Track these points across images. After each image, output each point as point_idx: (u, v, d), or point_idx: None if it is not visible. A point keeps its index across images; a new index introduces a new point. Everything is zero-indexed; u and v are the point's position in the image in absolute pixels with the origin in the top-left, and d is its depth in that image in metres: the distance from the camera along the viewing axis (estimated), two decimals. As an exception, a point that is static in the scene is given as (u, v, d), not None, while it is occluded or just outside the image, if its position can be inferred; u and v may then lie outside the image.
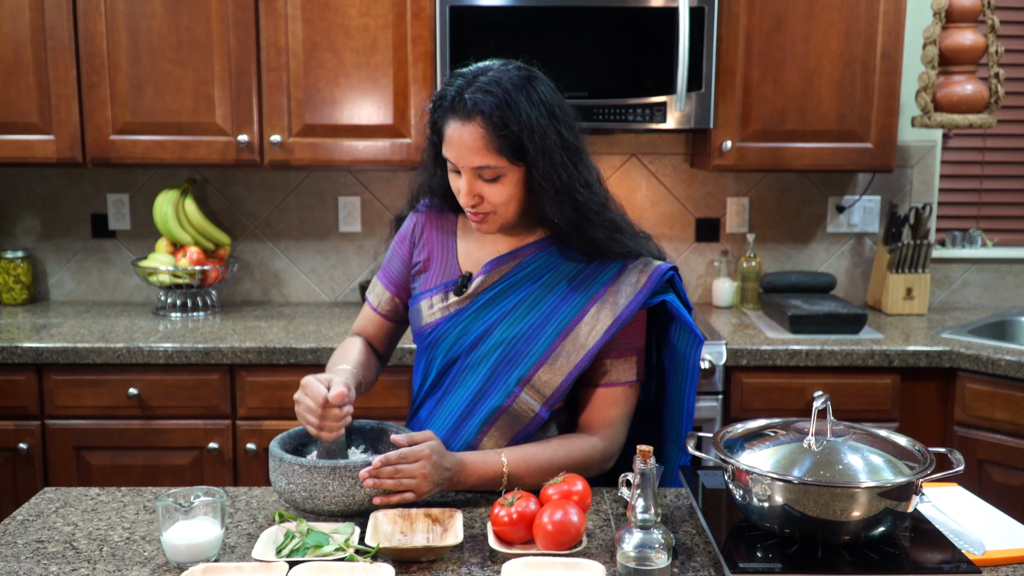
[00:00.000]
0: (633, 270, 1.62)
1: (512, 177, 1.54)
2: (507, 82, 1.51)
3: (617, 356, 1.63)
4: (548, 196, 1.54)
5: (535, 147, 1.50)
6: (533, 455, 1.56)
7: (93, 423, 2.68)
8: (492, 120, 1.49)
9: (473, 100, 1.50)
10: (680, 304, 1.64)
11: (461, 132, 1.51)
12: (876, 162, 2.92)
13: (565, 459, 1.57)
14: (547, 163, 1.51)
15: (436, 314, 1.67)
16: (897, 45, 2.85)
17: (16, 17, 2.80)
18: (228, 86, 2.84)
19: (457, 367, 1.65)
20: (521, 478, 1.54)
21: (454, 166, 1.56)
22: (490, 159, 1.51)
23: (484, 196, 1.55)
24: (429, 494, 1.45)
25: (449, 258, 1.71)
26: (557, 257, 1.65)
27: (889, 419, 2.70)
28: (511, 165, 1.53)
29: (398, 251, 1.78)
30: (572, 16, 2.74)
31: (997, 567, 1.34)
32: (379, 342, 1.83)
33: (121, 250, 3.31)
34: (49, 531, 1.45)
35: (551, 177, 1.52)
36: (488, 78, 1.52)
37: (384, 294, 1.79)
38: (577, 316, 1.60)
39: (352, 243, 3.30)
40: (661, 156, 3.26)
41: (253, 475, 2.71)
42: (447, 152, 1.55)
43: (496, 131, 1.49)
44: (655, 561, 1.26)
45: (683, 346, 1.67)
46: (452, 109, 1.53)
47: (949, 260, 3.34)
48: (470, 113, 1.50)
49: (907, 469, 1.32)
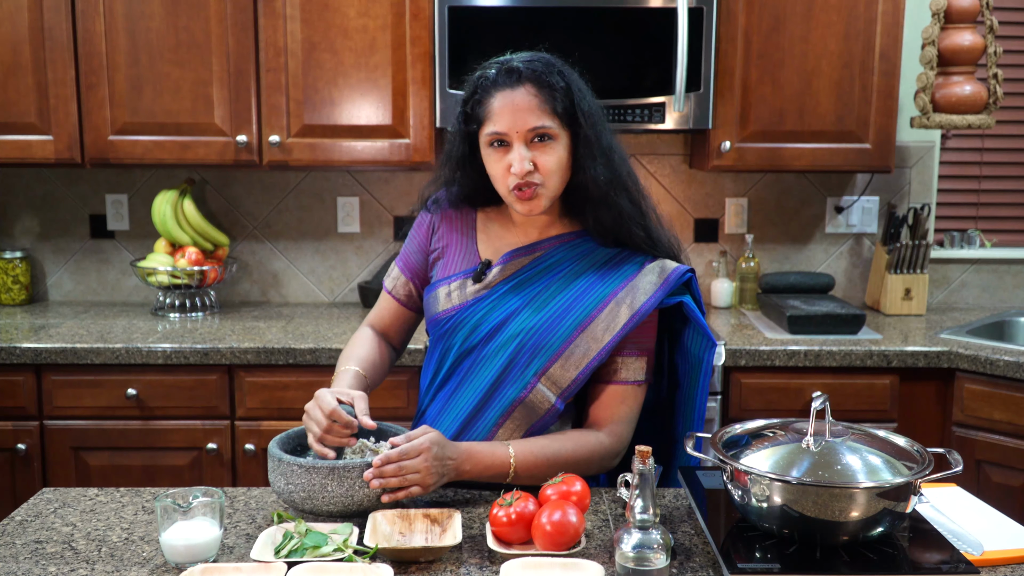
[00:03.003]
0: (652, 270, 1.63)
1: (562, 141, 1.58)
2: (547, 57, 1.62)
3: (629, 354, 1.63)
4: (595, 155, 1.59)
5: (583, 107, 1.58)
6: (540, 447, 1.57)
7: (92, 423, 2.68)
8: (542, 80, 1.56)
9: (522, 65, 1.57)
10: (695, 307, 1.65)
11: (513, 97, 1.56)
12: (874, 163, 2.92)
13: (572, 453, 1.58)
14: (594, 121, 1.59)
15: (454, 301, 1.67)
16: (895, 46, 2.85)
17: (15, 17, 2.80)
18: (227, 86, 2.84)
19: (473, 357, 1.64)
20: (528, 469, 1.54)
21: (502, 137, 1.57)
22: (544, 118, 1.56)
23: (537, 163, 1.57)
24: (435, 486, 1.46)
25: (469, 247, 1.71)
26: (577, 251, 1.66)
27: (887, 419, 2.70)
28: (561, 128, 1.58)
29: (415, 239, 1.78)
30: (571, 16, 2.74)
31: (995, 567, 1.34)
32: (394, 331, 1.82)
33: (120, 250, 3.31)
34: (48, 532, 1.45)
35: (599, 135, 1.59)
36: (526, 55, 1.61)
37: (400, 278, 1.79)
38: (595, 311, 1.61)
39: (351, 243, 3.30)
40: (660, 156, 3.26)
41: (252, 476, 2.71)
42: (496, 126, 1.56)
43: (548, 90, 1.56)
44: (654, 561, 1.26)
45: (696, 349, 1.67)
46: (497, 82, 1.57)
47: (948, 260, 3.35)
48: (521, 77, 1.56)
49: (905, 469, 1.32)
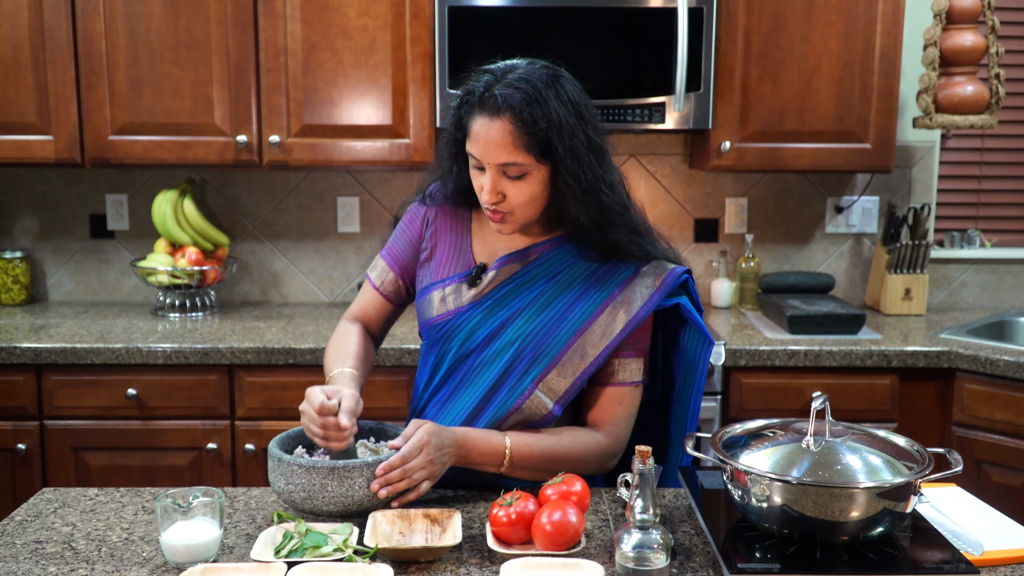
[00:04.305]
0: (648, 272, 1.62)
1: (537, 176, 1.52)
2: (536, 79, 1.50)
3: (625, 356, 1.63)
4: (574, 195, 1.52)
5: (563, 145, 1.49)
6: (536, 441, 1.56)
7: (92, 423, 2.68)
8: (521, 116, 1.47)
9: (503, 96, 1.48)
10: (692, 307, 1.64)
11: (489, 128, 1.49)
12: (875, 162, 2.92)
13: (568, 450, 1.57)
14: (574, 162, 1.50)
15: (448, 306, 1.65)
16: (896, 46, 2.85)
17: (15, 17, 2.80)
18: (227, 86, 2.84)
19: (470, 362, 1.63)
20: (523, 460, 1.54)
21: (478, 163, 1.54)
22: (517, 156, 1.49)
23: (507, 195, 1.53)
24: (441, 473, 1.49)
25: (463, 249, 1.68)
26: (572, 255, 1.64)
27: (888, 419, 2.70)
28: (537, 163, 1.51)
29: (407, 233, 1.74)
30: (571, 16, 2.74)
31: (995, 567, 1.34)
32: (376, 324, 1.79)
33: (120, 250, 3.31)
34: (48, 532, 1.45)
35: (578, 176, 1.51)
36: (517, 75, 1.51)
37: (388, 273, 1.75)
38: (592, 316, 1.60)
39: (351, 243, 3.30)
40: (660, 156, 3.26)
41: (252, 475, 2.71)
42: (472, 148, 1.53)
43: (525, 128, 1.48)
44: (654, 561, 1.26)
45: (693, 349, 1.67)
46: (480, 105, 1.51)
47: (948, 260, 3.34)
48: (499, 109, 1.48)
49: (905, 469, 1.32)
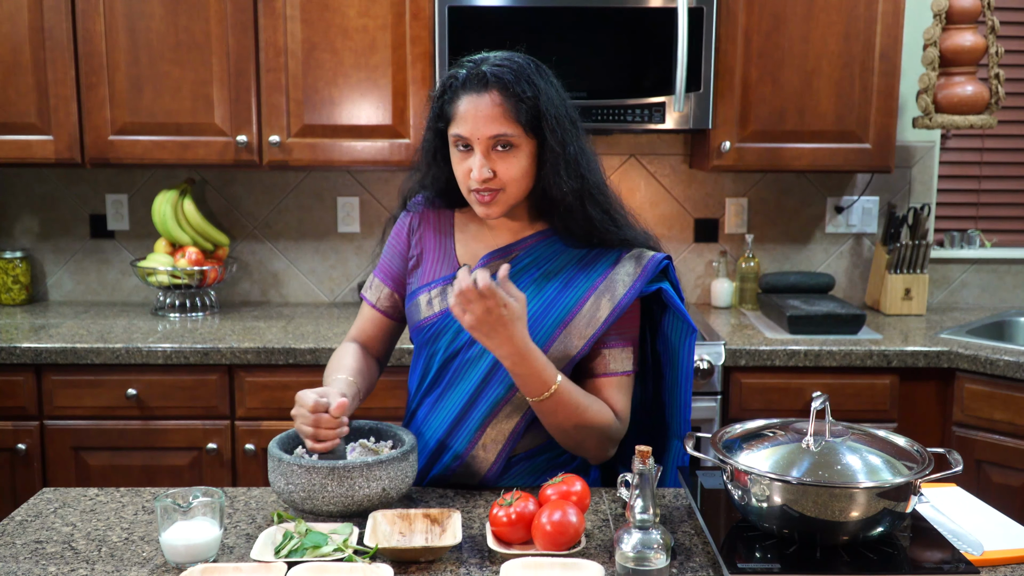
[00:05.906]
0: (629, 260, 1.64)
1: (525, 150, 1.56)
2: (519, 59, 1.59)
3: (615, 345, 1.64)
4: (561, 167, 1.57)
5: (550, 113, 1.55)
6: (578, 391, 1.58)
7: (92, 423, 2.68)
8: (509, 88, 1.53)
9: (491, 71, 1.54)
10: (674, 293, 1.66)
11: (478, 103, 1.54)
12: (874, 162, 2.92)
13: (597, 413, 1.59)
14: (561, 130, 1.56)
15: (435, 308, 1.67)
16: (896, 46, 2.85)
17: (15, 17, 2.80)
18: (227, 86, 2.84)
19: (459, 361, 1.65)
20: (565, 397, 1.54)
21: (465, 141, 1.57)
22: (507, 127, 1.54)
23: (497, 171, 1.56)
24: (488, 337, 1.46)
25: (447, 250, 1.71)
26: (554, 248, 1.66)
27: (888, 419, 2.70)
28: (525, 136, 1.56)
29: (395, 246, 1.77)
30: (571, 16, 2.74)
31: (995, 567, 1.34)
32: (377, 343, 1.82)
33: (120, 250, 3.31)
34: (48, 532, 1.45)
35: (564, 144, 1.56)
36: (499, 57, 1.59)
37: (383, 290, 1.78)
38: (576, 305, 1.61)
39: (351, 243, 3.30)
40: (660, 156, 3.26)
41: (252, 475, 2.71)
42: (460, 129, 1.56)
43: (513, 98, 1.53)
44: (654, 561, 1.26)
45: (676, 337, 1.69)
46: (466, 85, 1.56)
47: (948, 260, 3.34)
48: (487, 83, 1.54)
49: (905, 469, 1.32)
